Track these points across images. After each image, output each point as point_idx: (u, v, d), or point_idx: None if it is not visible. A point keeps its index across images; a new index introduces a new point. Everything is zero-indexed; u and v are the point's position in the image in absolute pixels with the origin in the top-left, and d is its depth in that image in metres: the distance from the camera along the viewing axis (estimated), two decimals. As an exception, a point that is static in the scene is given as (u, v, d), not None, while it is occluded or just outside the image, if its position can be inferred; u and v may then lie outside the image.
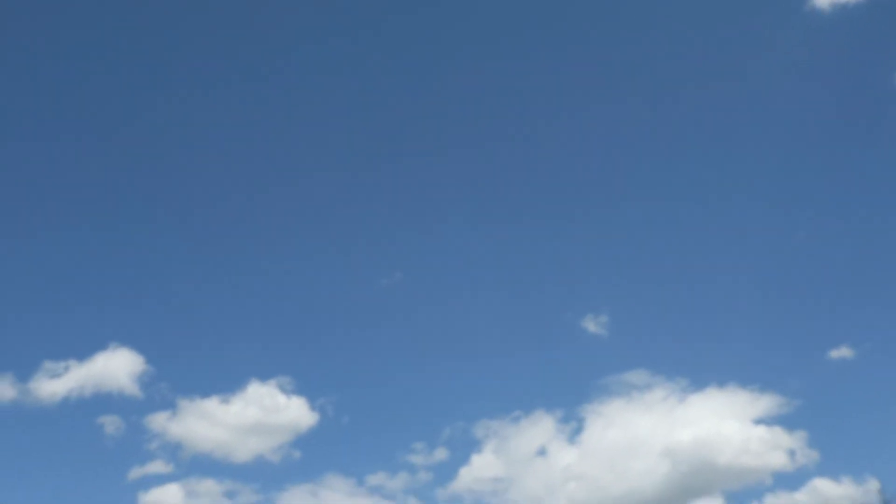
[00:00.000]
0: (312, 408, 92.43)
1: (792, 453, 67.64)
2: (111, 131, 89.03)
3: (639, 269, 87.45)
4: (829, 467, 62.70)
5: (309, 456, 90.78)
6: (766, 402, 74.93)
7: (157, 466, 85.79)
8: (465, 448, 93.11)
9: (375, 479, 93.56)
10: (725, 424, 76.21)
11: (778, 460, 70.68)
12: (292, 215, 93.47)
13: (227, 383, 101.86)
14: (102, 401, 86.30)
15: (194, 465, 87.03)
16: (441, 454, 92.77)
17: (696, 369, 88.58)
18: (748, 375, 78.76)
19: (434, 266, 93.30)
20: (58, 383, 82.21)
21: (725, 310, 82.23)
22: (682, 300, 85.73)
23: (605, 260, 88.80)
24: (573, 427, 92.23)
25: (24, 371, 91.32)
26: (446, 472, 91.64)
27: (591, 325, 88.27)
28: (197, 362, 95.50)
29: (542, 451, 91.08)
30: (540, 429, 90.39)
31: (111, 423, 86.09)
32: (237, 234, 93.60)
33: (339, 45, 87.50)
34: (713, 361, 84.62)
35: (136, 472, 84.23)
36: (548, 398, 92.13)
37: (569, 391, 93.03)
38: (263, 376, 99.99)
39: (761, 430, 70.29)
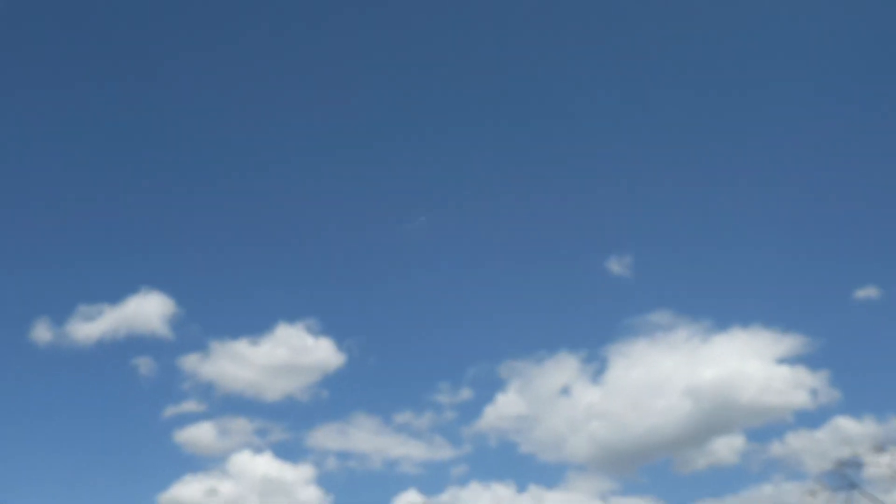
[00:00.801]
0: (340, 349, 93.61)
1: (814, 392, 67.84)
2: (145, 81, 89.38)
3: (663, 209, 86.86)
4: (852, 406, 62.88)
5: (337, 395, 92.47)
6: (789, 342, 74.80)
7: (190, 406, 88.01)
8: (489, 387, 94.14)
9: (402, 417, 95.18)
10: (748, 364, 76.50)
11: (800, 399, 71.03)
12: (318, 159, 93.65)
13: (255, 325, 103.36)
14: (135, 343, 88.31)
15: (226, 404, 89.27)
16: (466, 393, 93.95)
17: (720, 309, 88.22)
18: (772, 315, 78.55)
19: (458, 209, 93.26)
20: (92, 326, 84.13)
21: (750, 250, 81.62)
22: (707, 240, 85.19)
23: (628, 201, 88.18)
24: (596, 367, 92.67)
25: (59, 315, 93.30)
26: (471, 410, 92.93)
27: (615, 266, 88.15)
28: (226, 305, 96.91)
29: (565, 391, 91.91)
30: (563, 369, 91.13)
31: (145, 365, 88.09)
32: (263, 179, 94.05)
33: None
34: (737, 302, 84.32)
35: (170, 411, 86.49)
36: (571, 339, 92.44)
37: (592, 332, 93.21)
38: (291, 318, 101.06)
39: (784, 370, 70.44)
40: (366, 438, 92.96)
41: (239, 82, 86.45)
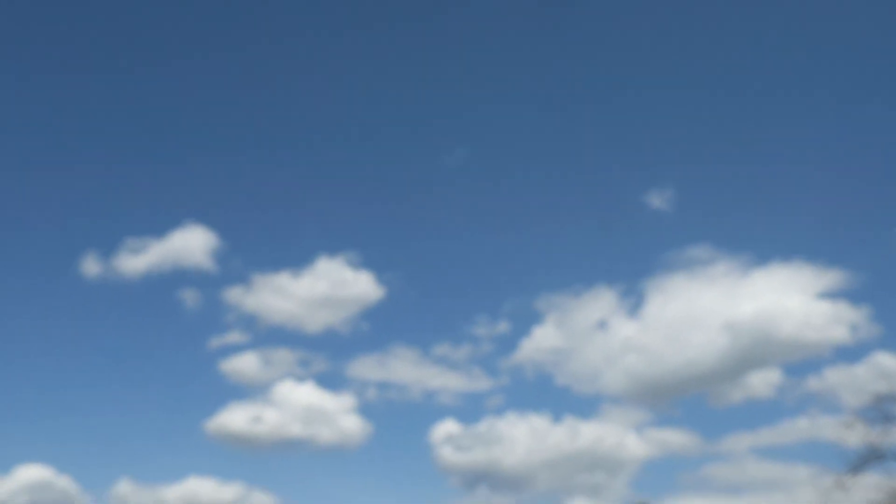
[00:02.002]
0: (379, 282, 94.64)
1: (854, 328, 67.24)
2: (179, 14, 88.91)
3: (705, 142, 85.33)
4: (893, 342, 62.22)
5: (376, 327, 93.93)
6: (831, 277, 73.81)
7: (234, 337, 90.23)
8: (526, 321, 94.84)
9: (440, 349, 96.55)
10: (788, 298, 75.69)
11: (839, 334, 70.48)
12: (357, 92, 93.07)
13: (296, 258, 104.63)
14: (180, 276, 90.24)
15: (269, 335, 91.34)
16: (503, 326, 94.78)
17: (761, 244, 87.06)
18: (814, 250, 77.43)
19: (497, 142, 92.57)
20: (138, 260, 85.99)
21: (793, 183, 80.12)
22: (750, 173, 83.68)
23: (670, 134, 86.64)
24: (633, 301, 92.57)
25: (107, 249, 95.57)
26: (508, 343, 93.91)
27: (655, 200, 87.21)
28: (267, 238, 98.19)
29: (602, 325, 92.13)
30: (600, 303, 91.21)
31: (190, 297, 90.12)
32: (303, 114, 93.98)
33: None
34: (779, 236, 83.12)
35: (215, 342, 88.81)
36: (609, 273, 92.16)
37: (630, 266, 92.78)
38: (332, 251, 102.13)
39: (824, 305, 69.66)
40: (405, 369, 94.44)
41: (275, 15, 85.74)
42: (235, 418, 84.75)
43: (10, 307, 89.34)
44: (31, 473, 77.42)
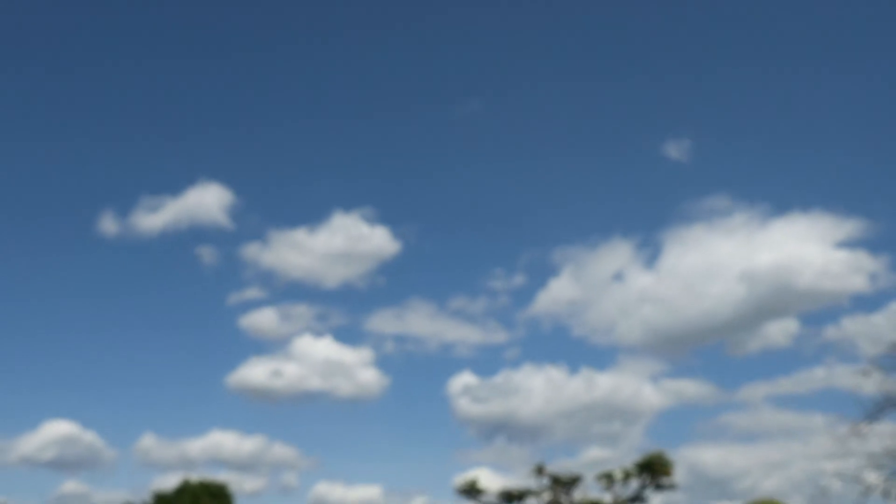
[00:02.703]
0: (395, 236, 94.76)
1: (874, 277, 66.79)
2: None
3: (723, 91, 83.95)
4: (913, 290, 61.84)
5: (393, 282, 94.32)
6: (850, 226, 73.14)
7: (252, 293, 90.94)
8: (542, 273, 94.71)
9: (456, 302, 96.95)
10: (806, 248, 75.02)
11: (858, 283, 70.04)
12: (370, 43, 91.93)
13: (312, 214, 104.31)
14: (197, 233, 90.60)
15: (287, 290, 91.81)
16: (519, 279, 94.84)
17: (780, 193, 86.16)
18: (834, 199, 76.55)
19: (511, 93, 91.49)
20: (155, 218, 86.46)
21: (813, 132, 78.88)
22: (768, 123, 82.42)
23: (687, 83, 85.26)
24: (650, 252, 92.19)
25: (123, 206, 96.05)
26: (524, 295, 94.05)
27: (672, 150, 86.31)
28: (283, 195, 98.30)
29: (618, 276, 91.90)
30: (617, 254, 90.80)
31: (207, 254, 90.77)
32: (317, 69, 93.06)
33: None
34: (798, 185, 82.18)
35: (233, 299, 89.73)
36: (626, 224, 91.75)
37: (647, 217, 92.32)
38: (347, 207, 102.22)
39: (843, 254, 69.24)
40: (422, 323, 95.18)
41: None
42: (255, 373, 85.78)
43: (32, 268, 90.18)
44: (57, 429, 78.99)
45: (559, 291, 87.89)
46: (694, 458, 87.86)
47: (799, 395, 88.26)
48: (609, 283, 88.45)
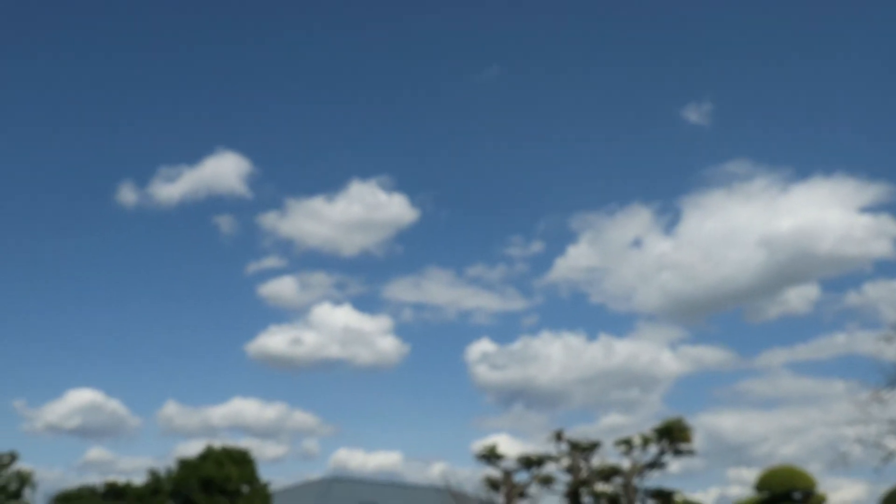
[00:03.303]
0: (413, 204, 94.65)
1: (897, 241, 66.07)
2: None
3: (744, 53, 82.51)
4: (936, 255, 61.13)
5: (411, 250, 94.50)
6: (874, 190, 72.11)
7: (271, 261, 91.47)
8: (560, 240, 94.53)
9: (474, 270, 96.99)
10: (829, 213, 74.22)
11: (881, 248, 69.18)
12: (385, 14, 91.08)
13: (329, 183, 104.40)
14: (215, 202, 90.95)
15: (305, 259, 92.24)
16: (537, 246, 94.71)
17: (802, 157, 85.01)
18: (857, 163, 75.40)
19: (530, 59, 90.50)
20: (173, 188, 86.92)
21: (835, 95, 77.54)
22: (791, 85, 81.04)
23: (708, 45, 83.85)
24: (669, 218, 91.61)
25: (142, 177, 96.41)
26: (542, 262, 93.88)
27: (692, 114, 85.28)
28: (300, 163, 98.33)
29: (637, 243, 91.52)
30: (636, 220, 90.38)
31: (225, 223, 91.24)
32: (332, 35, 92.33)
33: None
34: (821, 149, 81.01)
35: (252, 267, 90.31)
36: (645, 190, 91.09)
37: (666, 183, 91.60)
38: (364, 175, 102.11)
39: (866, 218, 68.39)
40: (439, 291, 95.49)
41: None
42: (275, 341, 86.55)
43: (54, 240, 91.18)
44: (82, 397, 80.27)
45: (577, 258, 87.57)
46: (712, 425, 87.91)
47: (819, 362, 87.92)
48: (627, 250, 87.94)
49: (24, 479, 36.95)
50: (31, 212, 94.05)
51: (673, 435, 27.01)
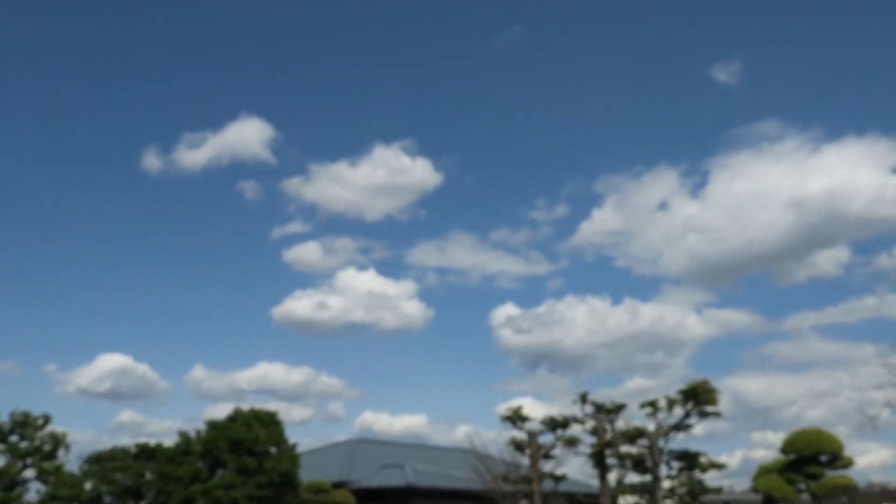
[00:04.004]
0: (436, 168, 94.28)
1: (931, 202, 64.88)
2: None
3: (775, 9, 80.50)
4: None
5: (435, 214, 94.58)
6: (907, 150, 70.84)
7: (295, 227, 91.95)
8: (585, 203, 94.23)
9: (498, 234, 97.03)
10: (860, 173, 73.00)
11: (914, 210, 67.99)
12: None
13: (353, 147, 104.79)
14: (239, 168, 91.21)
15: (329, 224, 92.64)
16: (562, 209, 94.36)
17: (834, 117, 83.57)
18: (891, 122, 73.81)
19: (553, 18, 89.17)
20: (197, 154, 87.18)
21: (869, 52, 75.73)
22: (822, 43, 79.22)
23: (737, 2, 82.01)
24: (696, 181, 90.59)
25: (166, 143, 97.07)
26: (567, 226, 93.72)
27: (721, 74, 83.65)
28: (323, 128, 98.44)
29: (663, 206, 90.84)
30: (662, 183, 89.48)
31: (249, 188, 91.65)
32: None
33: None
34: (853, 109, 79.52)
35: (277, 233, 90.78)
36: (671, 152, 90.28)
37: (694, 144, 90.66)
38: (388, 139, 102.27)
39: (900, 179, 67.40)
40: (464, 255, 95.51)
41: None
42: (300, 306, 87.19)
43: (81, 208, 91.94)
44: (112, 361, 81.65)
45: (602, 222, 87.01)
46: (738, 388, 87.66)
47: (847, 325, 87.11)
48: (653, 213, 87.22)
49: (57, 441, 37.79)
50: (56, 179, 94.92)
51: (699, 397, 26.93)
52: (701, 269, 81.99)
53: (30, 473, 36.82)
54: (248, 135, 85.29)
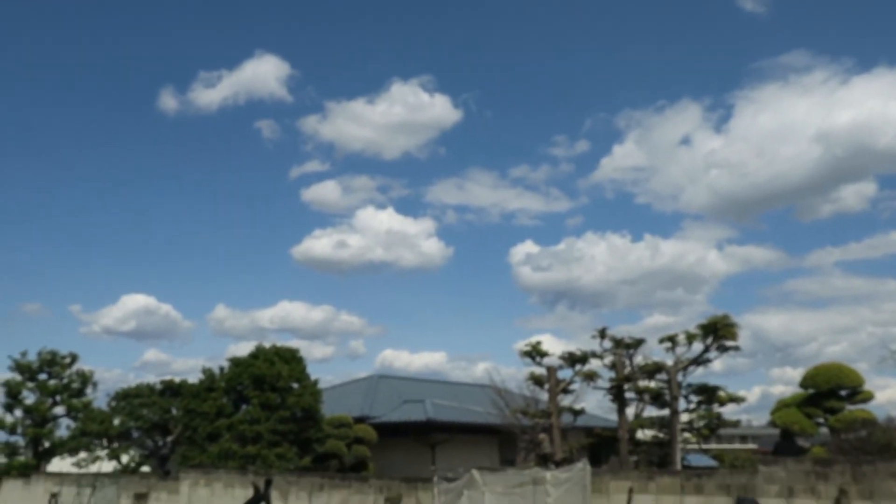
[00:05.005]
0: (455, 104, 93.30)
1: (962, 134, 63.31)
2: None
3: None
4: None
5: (453, 151, 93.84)
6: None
7: (313, 166, 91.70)
8: (606, 139, 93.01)
9: (518, 171, 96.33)
10: (891, 106, 71.00)
11: (943, 140, 66.30)
12: None
13: (370, 85, 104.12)
14: (255, 107, 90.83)
15: (347, 162, 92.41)
16: (582, 145, 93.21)
17: (865, 46, 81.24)
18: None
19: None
20: (213, 93, 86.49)
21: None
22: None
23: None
24: (720, 115, 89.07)
25: (181, 83, 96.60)
26: (588, 162, 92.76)
27: (748, 3, 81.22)
28: (340, 65, 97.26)
29: (685, 140, 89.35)
30: (685, 117, 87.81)
31: (267, 127, 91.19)
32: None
33: None
34: (886, 37, 77.17)
35: (295, 172, 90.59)
36: (695, 85, 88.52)
37: (718, 77, 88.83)
38: (405, 76, 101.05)
39: (929, 111, 65.63)
40: (483, 192, 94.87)
41: None
42: (320, 244, 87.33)
43: (101, 149, 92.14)
44: (136, 302, 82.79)
45: (623, 158, 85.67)
46: (758, 325, 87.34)
47: (872, 260, 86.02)
48: (676, 148, 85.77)
49: (85, 379, 38.64)
50: (74, 121, 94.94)
51: (718, 331, 26.86)
52: (723, 204, 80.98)
53: (60, 410, 37.79)
54: (264, 72, 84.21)
